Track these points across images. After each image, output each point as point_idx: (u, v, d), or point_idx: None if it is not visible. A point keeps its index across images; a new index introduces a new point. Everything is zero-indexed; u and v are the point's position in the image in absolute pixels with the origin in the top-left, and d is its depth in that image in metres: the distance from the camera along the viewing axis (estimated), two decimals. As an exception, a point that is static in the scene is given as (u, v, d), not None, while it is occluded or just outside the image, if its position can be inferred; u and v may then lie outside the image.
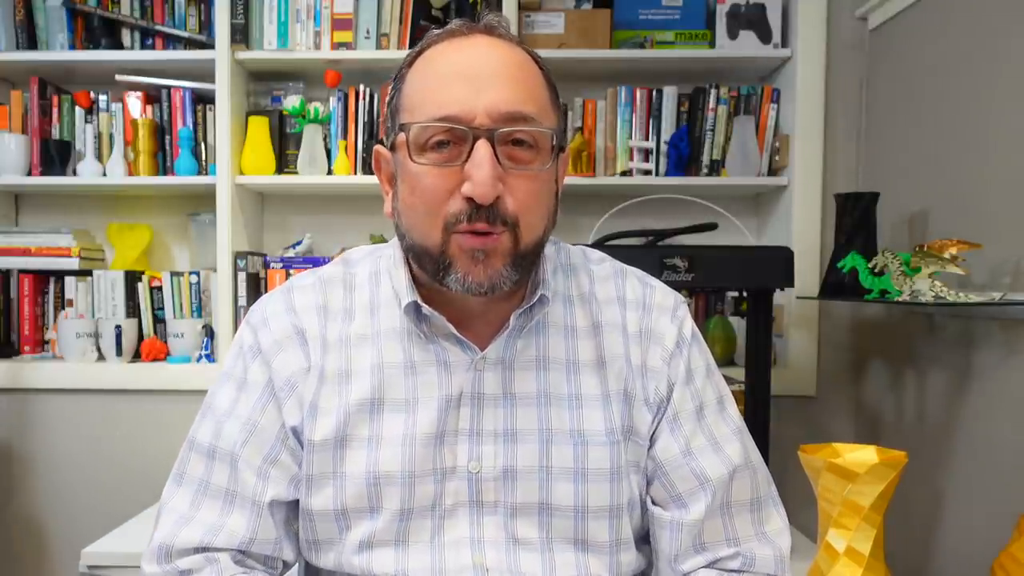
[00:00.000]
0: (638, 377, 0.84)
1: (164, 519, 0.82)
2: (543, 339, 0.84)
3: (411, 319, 0.81)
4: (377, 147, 0.85)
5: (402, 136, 0.76)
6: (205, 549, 0.79)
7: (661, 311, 0.88)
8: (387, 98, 0.83)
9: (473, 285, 0.75)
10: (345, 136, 1.99)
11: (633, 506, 0.83)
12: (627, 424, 0.83)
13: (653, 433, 0.84)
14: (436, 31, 0.81)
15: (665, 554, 0.83)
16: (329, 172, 1.98)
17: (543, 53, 2.09)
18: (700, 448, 0.83)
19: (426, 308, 0.80)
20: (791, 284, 1.52)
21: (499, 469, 0.80)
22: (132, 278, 2.04)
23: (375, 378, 0.81)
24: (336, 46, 1.95)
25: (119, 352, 1.99)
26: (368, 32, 1.96)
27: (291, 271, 1.98)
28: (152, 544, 0.81)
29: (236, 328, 1.94)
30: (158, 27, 1.98)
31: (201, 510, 0.81)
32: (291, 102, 1.95)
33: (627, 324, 0.86)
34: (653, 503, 0.85)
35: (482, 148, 0.72)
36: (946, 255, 1.29)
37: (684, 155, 1.94)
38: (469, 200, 0.72)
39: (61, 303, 2.08)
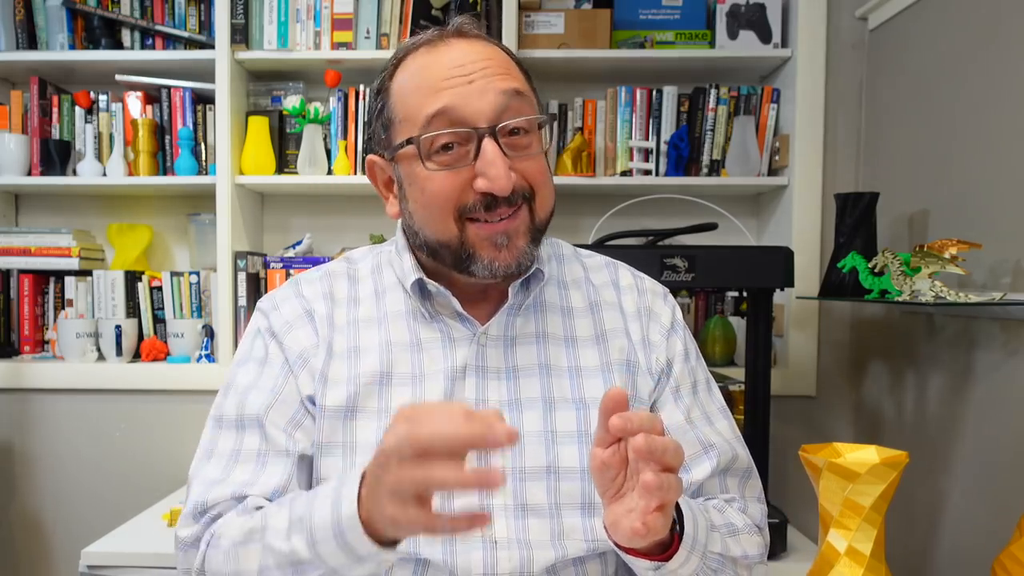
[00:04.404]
0: (640, 349, 0.90)
1: (195, 487, 0.82)
2: (541, 317, 0.89)
3: (416, 298, 0.87)
4: (370, 157, 0.90)
5: (408, 149, 0.80)
6: (236, 498, 0.81)
7: (654, 295, 0.96)
8: (374, 108, 0.87)
9: (500, 269, 0.80)
10: (345, 136, 1.99)
11: None
12: (630, 392, 0.88)
13: (655, 403, 0.90)
14: (409, 40, 0.85)
15: None
16: (329, 172, 1.98)
17: (543, 53, 2.08)
18: (698, 419, 0.90)
19: (432, 284, 0.85)
20: (791, 284, 1.52)
21: None
22: (132, 278, 2.04)
23: (383, 355, 0.85)
24: (336, 46, 1.95)
25: (119, 352, 1.99)
26: (368, 32, 1.96)
27: (291, 271, 1.98)
28: (185, 511, 0.82)
29: (236, 328, 1.95)
30: (158, 27, 1.98)
31: (234, 473, 0.82)
32: (291, 102, 1.95)
33: (623, 304, 0.93)
34: None
35: (490, 146, 0.77)
36: (946, 255, 1.29)
37: (684, 155, 1.94)
38: (485, 193, 0.77)
39: (61, 303, 2.08)
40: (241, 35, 1.92)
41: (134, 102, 2.01)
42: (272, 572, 0.70)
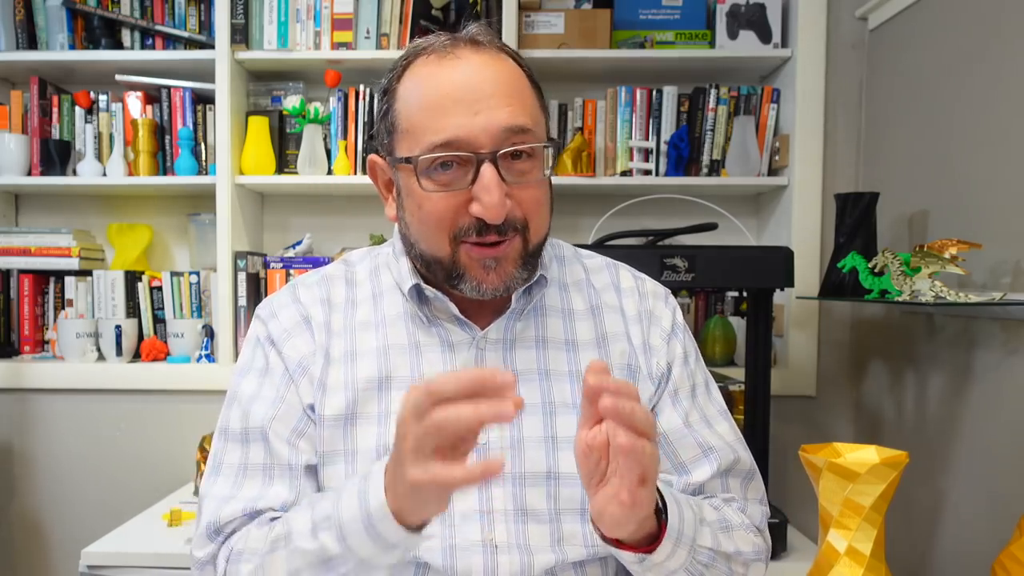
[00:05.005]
0: (641, 354, 0.90)
1: (207, 506, 0.83)
2: (541, 321, 0.89)
3: (413, 303, 0.86)
4: (372, 157, 0.89)
5: (406, 164, 0.79)
6: (248, 514, 0.82)
7: (656, 297, 0.95)
8: (379, 108, 0.85)
9: (488, 291, 0.80)
10: (345, 136, 1.99)
11: None
12: None
13: (654, 407, 0.89)
14: (420, 43, 0.83)
15: None
16: (329, 172, 1.98)
17: (543, 53, 2.07)
18: (697, 422, 0.90)
19: (429, 290, 0.85)
20: (791, 284, 1.52)
21: (506, 439, 0.83)
22: (132, 278, 2.04)
23: (381, 359, 0.85)
24: (336, 46, 1.95)
25: (119, 352, 1.99)
26: (368, 32, 1.96)
27: (291, 271, 1.98)
28: (199, 531, 0.83)
29: (236, 328, 1.95)
30: (158, 27, 1.98)
31: (243, 488, 0.83)
32: (291, 102, 1.95)
33: (624, 307, 0.92)
34: None
35: (488, 171, 0.76)
36: (946, 255, 1.29)
37: (684, 155, 1.94)
38: (479, 218, 0.77)
39: (61, 303, 2.08)
40: (241, 35, 1.92)
41: (134, 102, 2.01)
42: (303, 574, 0.72)
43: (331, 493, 0.73)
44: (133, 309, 2.05)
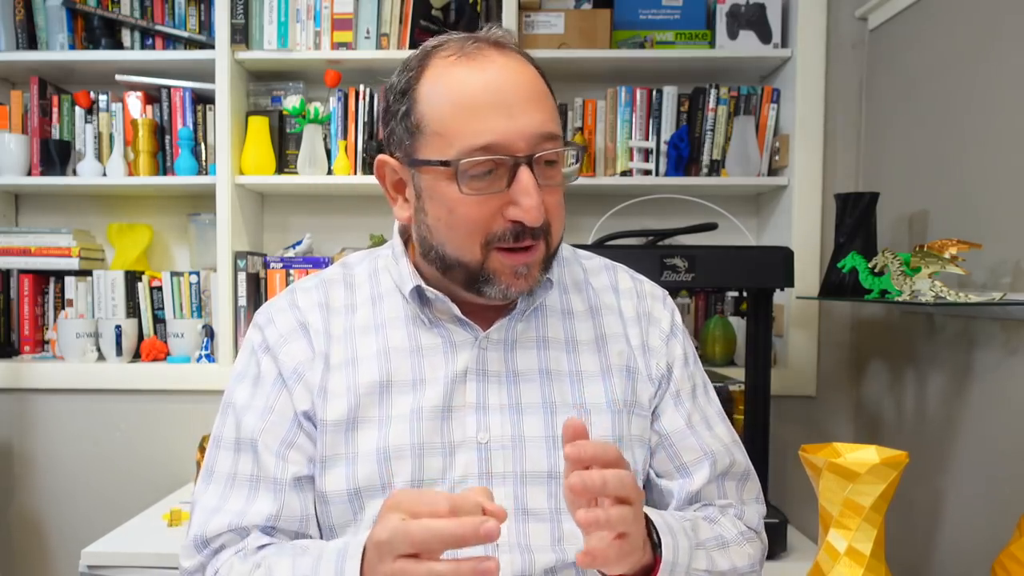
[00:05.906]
0: (640, 355, 0.90)
1: (196, 516, 0.84)
2: (542, 321, 0.89)
3: (415, 304, 0.86)
4: (381, 157, 0.86)
5: (442, 167, 0.78)
6: (235, 530, 0.82)
7: (654, 299, 0.96)
8: (394, 108, 0.83)
9: (513, 294, 0.82)
10: (345, 136, 1.99)
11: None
12: (630, 398, 0.88)
13: (656, 408, 0.90)
14: (440, 40, 0.81)
15: None
16: (329, 172, 1.98)
17: (543, 53, 2.08)
18: (698, 423, 0.91)
19: (430, 291, 0.85)
20: (791, 284, 1.52)
21: (507, 439, 0.83)
22: (132, 278, 2.04)
23: (382, 362, 0.85)
24: (336, 46, 1.95)
25: (119, 352, 1.99)
26: (368, 32, 1.96)
27: (291, 271, 1.98)
28: (187, 541, 0.83)
29: (236, 328, 1.95)
30: (158, 27, 1.98)
31: (230, 500, 0.83)
32: (291, 102, 1.95)
33: (623, 309, 0.93)
34: (657, 476, 0.91)
35: (525, 175, 0.76)
36: (946, 255, 1.29)
37: (684, 155, 1.94)
38: (515, 222, 0.77)
39: (61, 303, 2.08)
40: (241, 35, 1.92)
41: (134, 102, 2.01)
42: None
43: (313, 550, 0.74)
44: (133, 309, 2.05)
